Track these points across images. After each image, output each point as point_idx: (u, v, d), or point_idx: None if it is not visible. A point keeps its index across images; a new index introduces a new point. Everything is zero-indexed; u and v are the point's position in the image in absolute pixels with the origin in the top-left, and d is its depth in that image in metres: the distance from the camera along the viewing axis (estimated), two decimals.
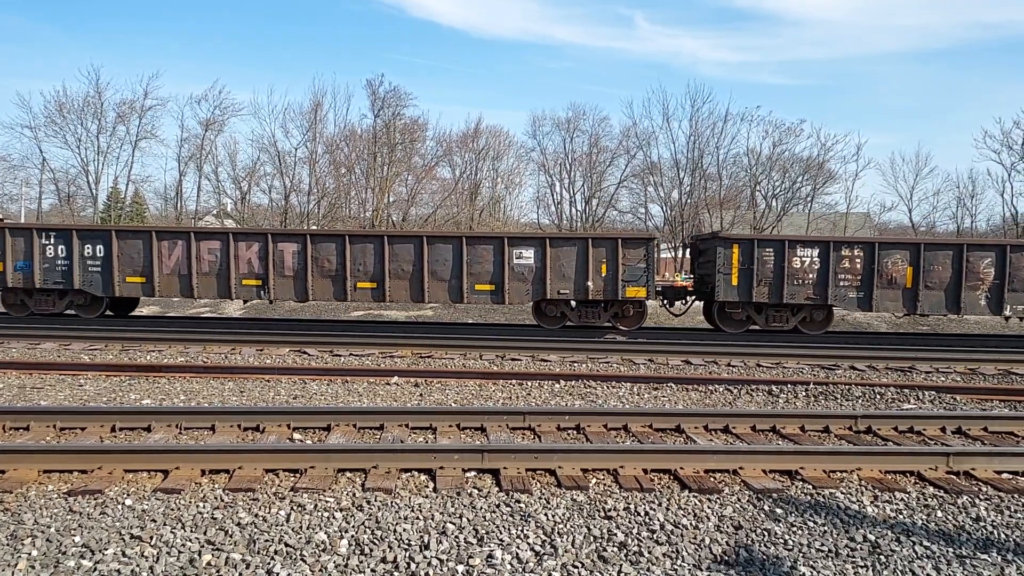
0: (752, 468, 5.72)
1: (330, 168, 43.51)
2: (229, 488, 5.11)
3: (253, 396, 8.86)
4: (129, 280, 15.64)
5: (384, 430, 6.85)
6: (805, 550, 4.35)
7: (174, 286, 15.72)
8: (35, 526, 4.42)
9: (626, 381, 9.94)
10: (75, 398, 8.55)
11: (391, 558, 4.10)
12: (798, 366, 11.68)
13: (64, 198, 41.45)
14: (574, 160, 47.47)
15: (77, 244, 15.56)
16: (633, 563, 4.12)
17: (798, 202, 43.48)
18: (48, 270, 15.62)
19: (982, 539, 4.60)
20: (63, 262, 15.64)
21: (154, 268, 15.52)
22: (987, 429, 7.32)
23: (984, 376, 11.23)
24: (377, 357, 11.93)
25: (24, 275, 15.68)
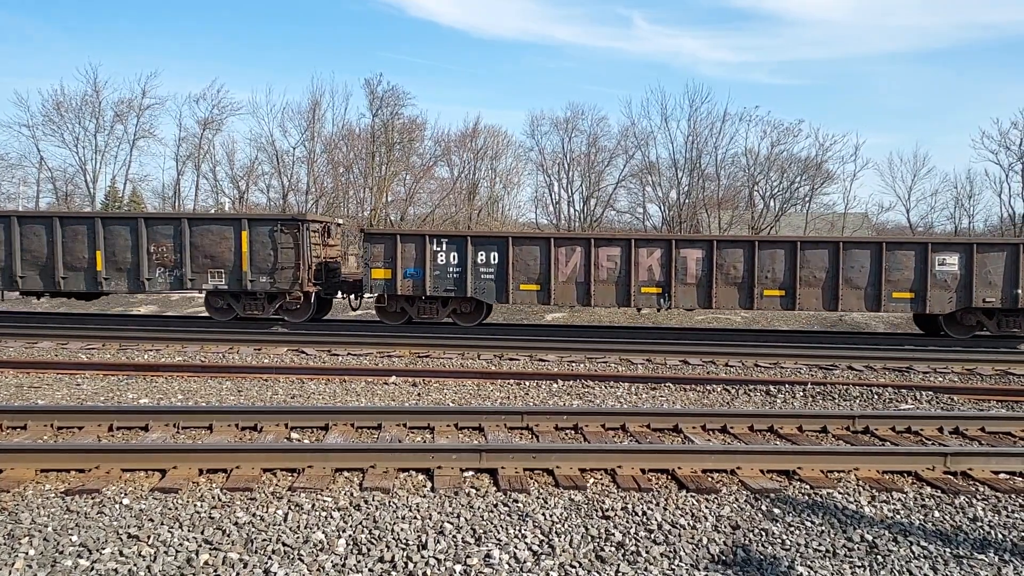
0: (750, 468, 5.73)
1: (328, 167, 43.45)
2: (227, 487, 5.11)
3: (251, 395, 8.85)
4: (523, 288, 15.06)
5: (382, 430, 6.85)
6: (802, 550, 4.36)
7: (570, 294, 15.06)
8: (32, 525, 4.42)
9: (624, 381, 9.94)
10: (73, 397, 8.54)
11: (389, 557, 4.10)
12: (796, 366, 11.68)
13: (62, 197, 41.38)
14: (572, 160, 47.42)
15: (471, 251, 14.96)
16: (631, 563, 4.12)
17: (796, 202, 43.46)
18: (439, 277, 15.01)
19: (979, 539, 4.61)
20: (455, 269, 15.03)
21: (551, 275, 14.88)
22: (984, 429, 7.33)
23: (982, 376, 11.25)
24: (375, 356, 11.93)
25: (415, 282, 15.06)
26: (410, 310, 15.37)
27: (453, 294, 15.02)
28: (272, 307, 15.32)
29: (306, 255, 14.95)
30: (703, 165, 43.17)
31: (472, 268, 14.92)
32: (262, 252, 15.01)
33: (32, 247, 15.10)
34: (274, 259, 15.01)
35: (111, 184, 43.28)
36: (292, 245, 14.95)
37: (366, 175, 43.03)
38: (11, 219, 15.08)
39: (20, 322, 15.27)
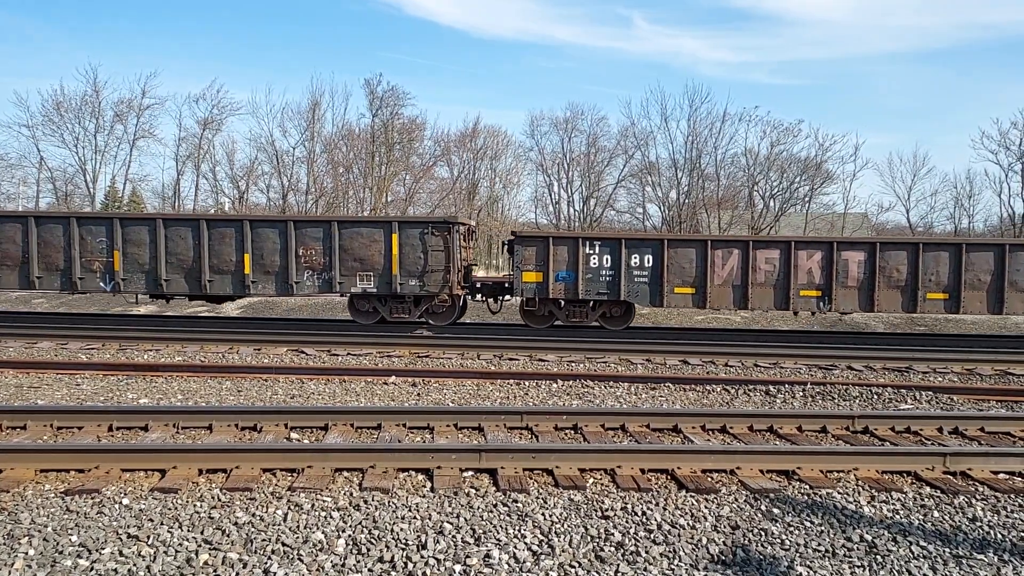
0: (749, 468, 5.73)
1: (328, 167, 43.46)
2: (226, 487, 5.11)
3: (250, 395, 8.85)
4: (678, 291, 14.74)
5: (382, 430, 6.85)
6: (802, 550, 4.36)
7: (726, 297, 14.71)
8: (32, 525, 4.42)
9: (623, 381, 9.94)
10: (72, 397, 8.54)
11: (388, 557, 4.10)
12: (795, 366, 11.69)
13: (61, 197, 41.38)
14: (572, 160, 47.45)
15: (624, 253, 14.65)
16: (630, 563, 4.13)
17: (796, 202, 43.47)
18: (591, 280, 14.73)
19: (979, 539, 4.61)
20: (608, 272, 14.74)
21: (707, 278, 14.56)
22: (984, 429, 7.33)
23: (981, 376, 11.25)
24: (375, 357, 11.93)
25: (566, 285, 14.76)
26: (558, 314, 15.15)
27: (606, 297, 14.76)
28: (419, 310, 15.12)
29: (456, 258, 14.78)
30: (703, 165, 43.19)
31: (626, 271, 14.67)
32: (412, 255, 14.82)
33: (178, 250, 14.92)
34: (424, 262, 14.81)
35: (111, 184, 43.32)
36: (442, 248, 14.77)
37: (366, 175, 43.04)
38: (156, 221, 14.95)
39: (20, 322, 15.27)
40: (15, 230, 14.96)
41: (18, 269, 14.98)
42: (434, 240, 14.80)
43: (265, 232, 14.94)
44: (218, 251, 14.92)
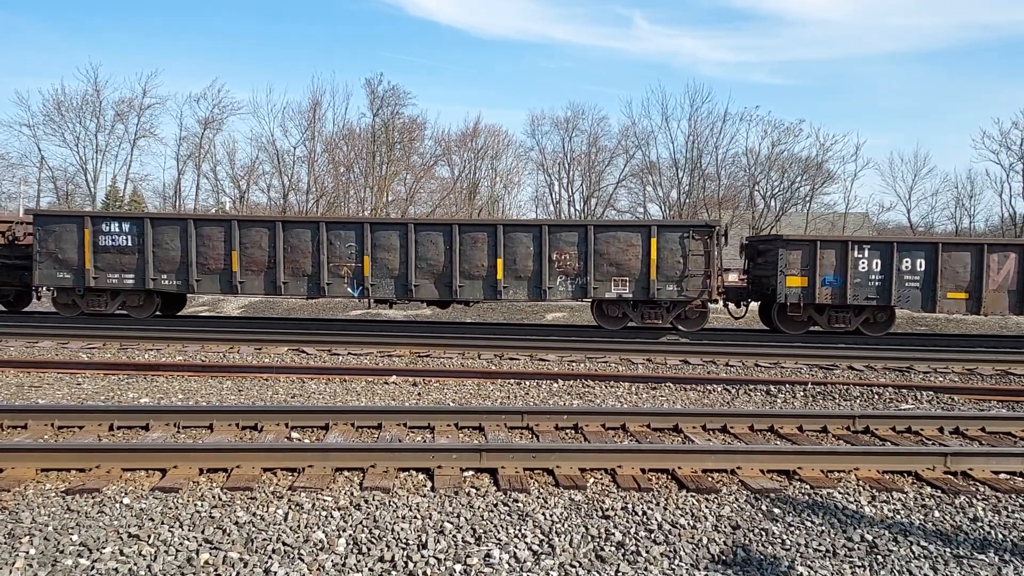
0: (750, 468, 5.73)
1: (329, 167, 43.49)
2: (227, 487, 5.11)
3: (251, 395, 8.86)
4: (950, 296, 14.52)
5: (382, 429, 6.85)
6: (803, 550, 4.36)
7: (1000, 303, 14.54)
8: (33, 525, 4.42)
9: (624, 381, 9.94)
10: (73, 396, 8.54)
11: (389, 557, 4.10)
12: (796, 366, 11.68)
13: (62, 196, 41.39)
14: (573, 159, 47.50)
15: (896, 257, 14.40)
16: (631, 563, 4.13)
17: (797, 202, 43.48)
18: (859, 285, 14.53)
19: (979, 539, 4.61)
20: (877, 277, 14.51)
21: (982, 283, 14.33)
22: (985, 429, 7.33)
23: (982, 376, 11.25)
24: (375, 356, 11.93)
25: (833, 290, 14.53)
26: (819, 319, 14.94)
27: (874, 302, 14.51)
28: (671, 316, 14.95)
29: (716, 263, 14.57)
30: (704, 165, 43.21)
31: (896, 275, 14.40)
32: (671, 259, 14.62)
33: (428, 255, 14.82)
34: (683, 266, 14.62)
35: (112, 183, 43.35)
36: (702, 252, 14.57)
37: (366, 175, 43.05)
38: (408, 226, 14.91)
39: (21, 321, 15.27)
40: (262, 235, 14.94)
41: (263, 274, 14.97)
42: (694, 244, 14.59)
43: (518, 236, 14.78)
44: (470, 256, 14.77)
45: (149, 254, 15.20)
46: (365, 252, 14.79)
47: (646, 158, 45.00)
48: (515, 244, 14.74)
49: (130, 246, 15.25)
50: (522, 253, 14.72)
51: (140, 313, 15.71)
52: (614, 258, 14.70)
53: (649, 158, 44.96)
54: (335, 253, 14.92)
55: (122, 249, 15.27)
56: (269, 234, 14.98)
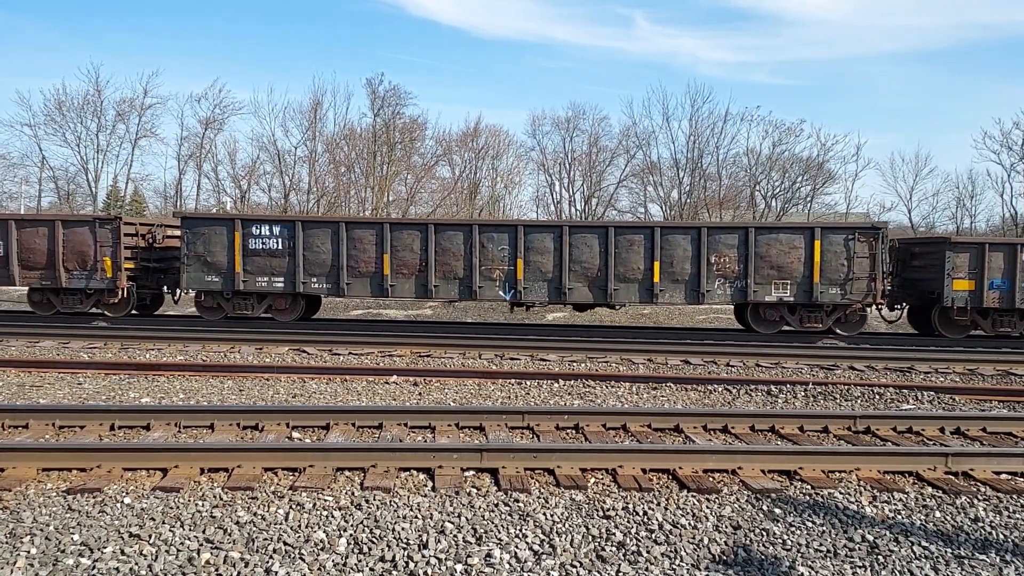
0: (751, 468, 5.73)
1: (329, 167, 43.51)
2: (228, 487, 5.11)
3: (252, 395, 8.86)
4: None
5: (383, 429, 6.85)
6: (803, 550, 4.35)
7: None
8: (34, 524, 4.42)
9: (625, 381, 9.94)
10: (74, 396, 8.55)
11: (390, 557, 4.10)
12: (797, 366, 11.67)
13: (63, 196, 41.43)
14: (574, 159, 47.50)
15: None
16: (631, 563, 4.12)
17: (798, 202, 43.51)
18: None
19: (980, 540, 4.60)
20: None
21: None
22: (986, 430, 7.32)
23: (983, 377, 11.23)
24: (376, 356, 11.93)
25: (1001, 293, 14.26)
26: (982, 323, 14.69)
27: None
28: (831, 319, 14.72)
29: (881, 266, 14.38)
30: (705, 165, 43.26)
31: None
32: (835, 262, 14.35)
33: (583, 258, 14.59)
34: (847, 269, 14.35)
35: (113, 183, 43.40)
36: (867, 255, 14.30)
37: (367, 175, 43.07)
38: (563, 228, 14.70)
39: (22, 321, 15.28)
40: (414, 238, 14.82)
41: (414, 277, 14.85)
42: (859, 246, 14.36)
43: (676, 239, 14.56)
44: (625, 259, 14.54)
45: (300, 257, 14.99)
46: (518, 255, 14.60)
47: (647, 158, 45.04)
48: (672, 247, 14.49)
49: (280, 249, 15.07)
50: (679, 256, 14.45)
51: (286, 316, 15.52)
52: (775, 261, 14.44)
53: (650, 158, 45.01)
54: (487, 256, 14.75)
55: (272, 252, 15.09)
56: (421, 237, 14.80)
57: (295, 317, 15.64)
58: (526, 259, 14.66)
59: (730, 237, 14.67)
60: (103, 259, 15.11)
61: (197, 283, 15.31)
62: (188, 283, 15.32)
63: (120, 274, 15.15)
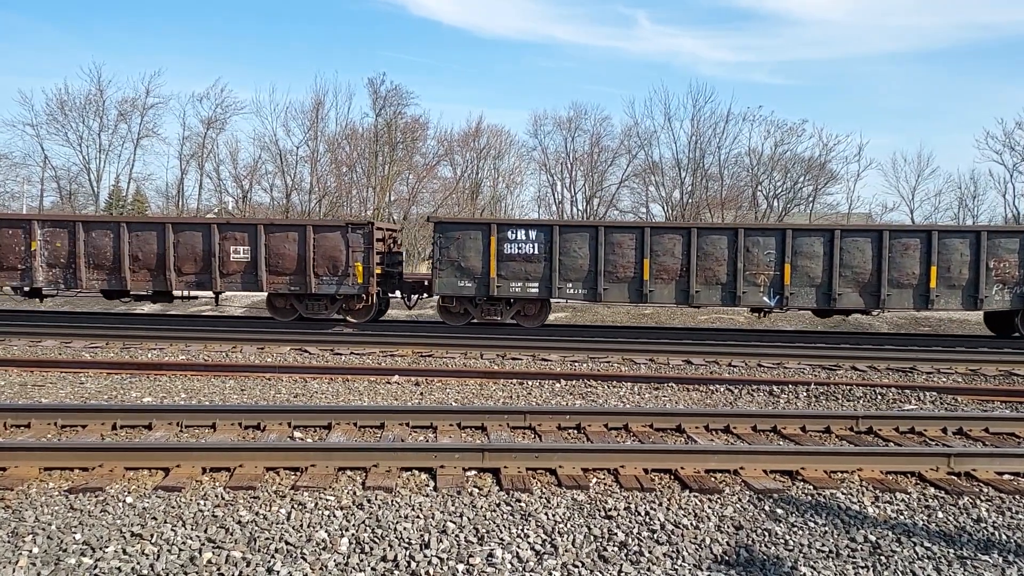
0: (753, 468, 5.72)
1: (331, 167, 43.50)
2: (230, 486, 5.11)
3: (254, 394, 8.86)
4: None
5: (385, 429, 6.85)
6: (806, 550, 4.35)
7: None
8: (36, 523, 4.42)
9: (627, 381, 9.93)
10: (76, 396, 8.56)
11: (391, 556, 4.10)
12: (799, 366, 11.66)
13: (66, 196, 41.47)
14: (575, 159, 47.42)
15: None
16: (633, 563, 4.12)
17: (800, 202, 43.43)
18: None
19: (983, 540, 4.59)
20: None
21: None
22: (988, 430, 7.31)
23: (986, 377, 11.22)
24: (378, 356, 11.93)
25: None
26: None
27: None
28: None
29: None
30: (706, 165, 43.18)
31: None
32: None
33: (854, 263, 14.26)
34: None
35: (115, 183, 43.41)
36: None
37: (369, 174, 43.05)
38: (834, 232, 14.40)
39: (24, 320, 15.30)
40: (674, 242, 14.61)
41: (674, 283, 14.66)
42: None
43: (953, 243, 14.28)
44: (899, 263, 14.25)
45: (556, 262, 14.74)
46: (785, 259, 14.28)
47: (649, 158, 44.94)
48: (949, 251, 14.15)
49: (536, 254, 14.82)
50: (956, 260, 14.12)
51: (532, 323, 15.36)
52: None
53: (652, 158, 44.91)
54: (752, 260, 14.43)
55: (528, 257, 14.85)
56: (682, 241, 14.59)
57: (540, 323, 15.47)
58: (793, 264, 14.37)
59: (1011, 241, 14.29)
60: (354, 264, 14.98)
61: (449, 288, 15.05)
62: (440, 288, 15.06)
63: (372, 280, 15.04)
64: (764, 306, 14.77)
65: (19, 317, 16.14)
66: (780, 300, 14.49)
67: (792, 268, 14.34)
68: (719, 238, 14.60)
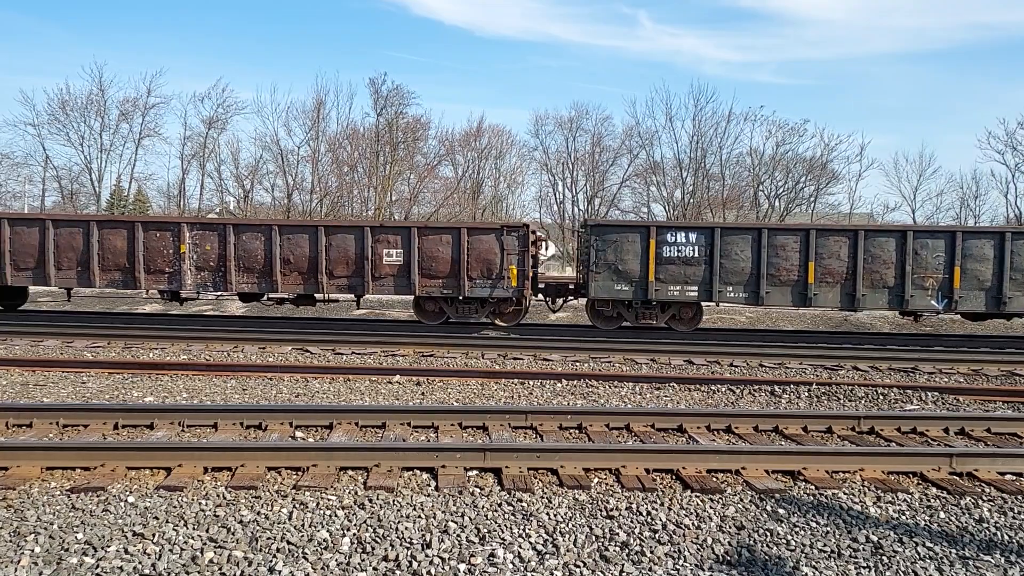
0: (754, 468, 5.72)
1: (332, 167, 43.52)
2: (231, 486, 5.11)
3: (255, 394, 8.86)
4: None
5: (386, 428, 6.85)
6: (807, 550, 4.34)
7: None
8: (38, 523, 4.43)
9: (628, 381, 9.93)
10: (78, 395, 8.56)
11: (393, 556, 4.10)
12: (801, 366, 11.65)
13: (67, 196, 41.51)
14: (576, 159, 47.43)
15: None
16: (635, 563, 4.12)
17: (801, 202, 43.43)
18: None
19: (985, 540, 4.59)
20: None
21: None
22: (990, 430, 7.30)
23: (987, 377, 11.21)
24: (379, 356, 11.93)
25: None
26: None
27: None
28: None
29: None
30: (708, 165, 43.17)
31: None
32: None
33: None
34: None
35: (116, 183, 43.47)
36: None
37: (370, 174, 43.08)
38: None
39: (26, 320, 15.31)
40: (840, 244, 14.43)
41: (839, 286, 14.51)
42: None
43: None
44: (973, 268, 14.12)
45: (716, 265, 14.57)
46: (955, 262, 14.14)
47: (650, 158, 44.96)
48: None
49: (696, 257, 14.66)
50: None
51: (686, 327, 15.22)
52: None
53: (653, 158, 44.92)
54: (920, 263, 14.27)
55: (687, 260, 14.69)
56: (849, 244, 14.40)
57: (694, 327, 15.37)
58: (963, 267, 14.21)
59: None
60: (508, 267, 14.83)
61: (606, 292, 14.86)
62: (596, 291, 14.88)
63: (526, 283, 14.92)
64: (931, 310, 14.60)
65: (21, 317, 16.15)
66: (948, 303, 14.35)
67: (961, 271, 14.19)
68: (887, 240, 14.40)
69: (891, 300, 14.51)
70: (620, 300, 15.02)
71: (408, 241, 14.87)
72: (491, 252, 14.87)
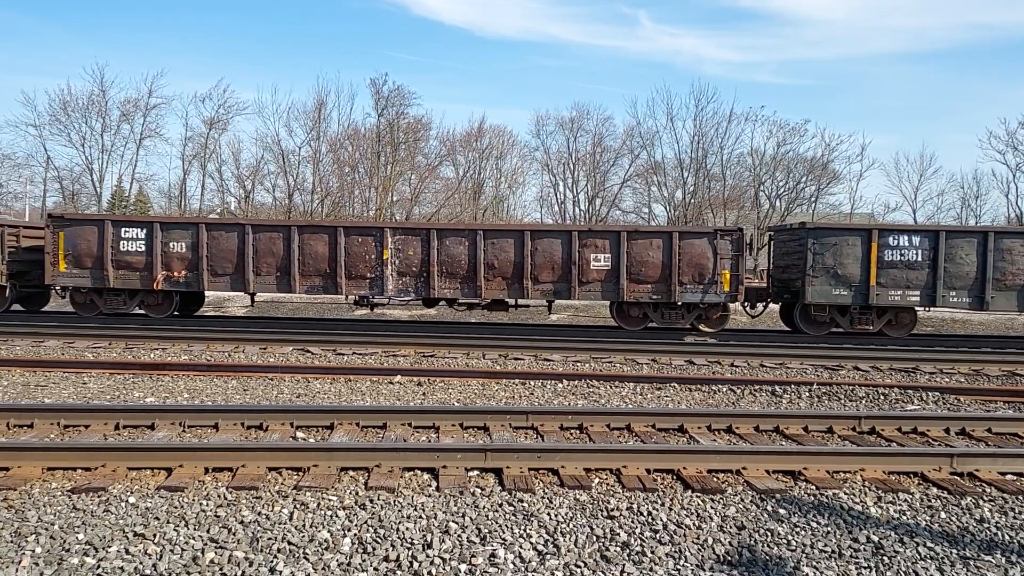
0: (755, 468, 5.71)
1: (333, 167, 43.55)
2: (232, 486, 5.12)
3: (256, 394, 8.87)
4: None
5: (387, 429, 6.85)
6: (808, 551, 4.34)
7: None
8: (39, 523, 4.43)
9: (629, 381, 9.93)
10: (79, 396, 8.57)
11: (394, 557, 4.10)
12: (801, 366, 11.65)
13: (68, 196, 41.53)
14: (577, 159, 47.43)
15: None
16: (636, 563, 4.12)
17: (802, 202, 43.41)
18: None
19: (986, 540, 4.59)
20: None
21: None
22: (991, 430, 7.30)
23: (988, 377, 11.20)
24: (380, 356, 11.94)
25: None
26: None
27: None
28: None
29: None
30: (709, 165, 43.19)
31: None
32: None
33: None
34: None
35: (117, 183, 43.52)
36: None
37: (371, 175, 43.10)
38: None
39: (27, 321, 15.32)
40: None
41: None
42: None
43: None
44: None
45: (940, 270, 14.45)
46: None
47: (651, 158, 44.98)
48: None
49: (919, 261, 14.52)
50: None
51: (898, 332, 15.15)
52: None
53: (654, 158, 44.94)
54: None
55: (910, 264, 14.55)
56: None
57: (907, 332, 15.22)
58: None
59: None
60: (722, 272, 14.72)
61: (823, 296, 14.70)
62: (813, 296, 14.74)
63: (740, 288, 14.81)
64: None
65: (22, 317, 16.17)
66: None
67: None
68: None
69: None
70: (837, 305, 14.75)
71: (616, 246, 14.76)
72: (703, 256, 14.71)
